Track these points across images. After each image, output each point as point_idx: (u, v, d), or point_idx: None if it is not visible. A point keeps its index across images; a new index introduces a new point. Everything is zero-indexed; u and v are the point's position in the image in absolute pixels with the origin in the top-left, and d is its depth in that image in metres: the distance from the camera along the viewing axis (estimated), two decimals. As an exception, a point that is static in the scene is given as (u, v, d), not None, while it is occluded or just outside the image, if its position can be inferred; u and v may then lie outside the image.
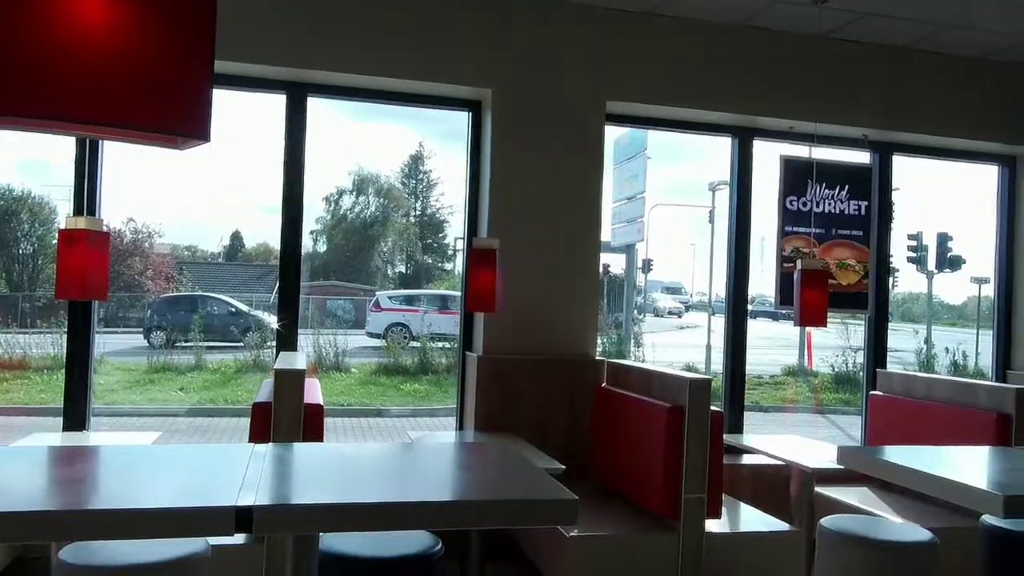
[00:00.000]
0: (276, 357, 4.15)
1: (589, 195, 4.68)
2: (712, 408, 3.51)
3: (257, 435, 3.16)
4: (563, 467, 3.55)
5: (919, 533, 2.82)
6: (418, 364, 13.52)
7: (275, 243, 4.86)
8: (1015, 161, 5.69)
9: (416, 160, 21.16)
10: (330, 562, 2.37)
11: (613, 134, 10.81)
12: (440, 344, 13.90)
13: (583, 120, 4.66)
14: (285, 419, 3.05)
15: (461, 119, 4.83)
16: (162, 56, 1.59)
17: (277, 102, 4.53)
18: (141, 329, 15.05)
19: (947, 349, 13.16)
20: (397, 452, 2.92)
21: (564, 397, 4.51)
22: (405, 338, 14.64)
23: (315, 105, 4.59)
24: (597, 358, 4.63)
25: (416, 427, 10.91)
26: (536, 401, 4.48)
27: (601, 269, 5.02)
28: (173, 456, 2.38)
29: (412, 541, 2.48)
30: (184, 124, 1.66)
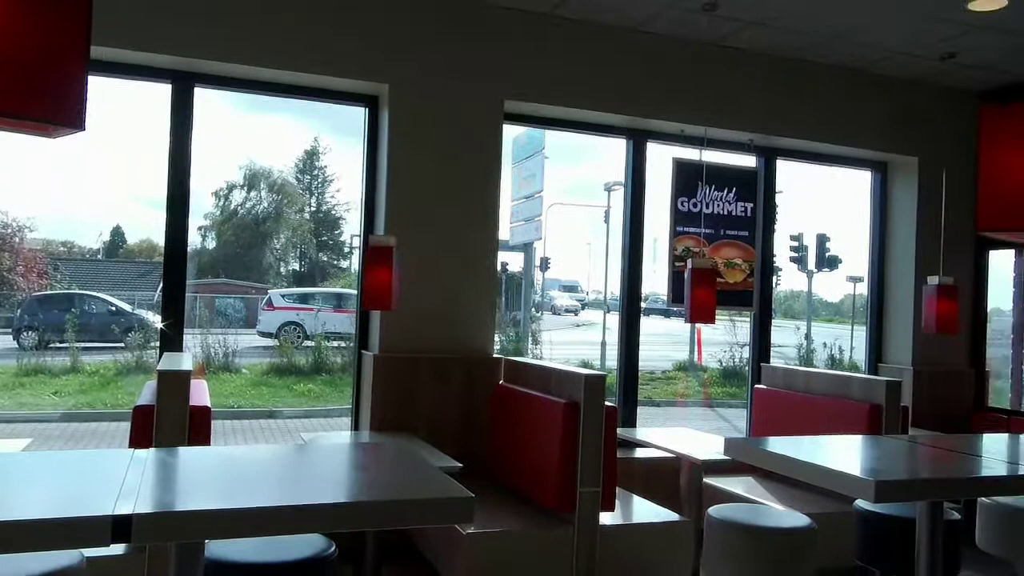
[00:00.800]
0: (160, 358, 3.97)
1: (487, 193, 4.69)
2: (606, 403, 3.58)
3: (138, 440, 3.01)
4: (460, 465, 3.54)
5: (798, 519, 2.96)
6: (312, 364, 13.22)
7: (159, 239, 4.64)
8: (886, 167, 6.06)
9: (311, 155, 20.69)
10: (216, 570, 2.28)
11: (511, 133, 10.89)
12: (335, 343, 13.64)
13: (481, 118, 4.66)
14: (169, 422, 2.92)
15: (357, 114, 4.74)
16: (30, 41, 1.49)
17: (162, 92, 4.33)
18: (10, 329, 14.09)
19: (825, 344, 13.93)
20: (289, 454, 2.84)
21: (462, 395, 4.51)
22: (299, 337, 14.29)
23: (203, 96, 4.41)
24: (495, 356, 4.64)
25: (310, 428, 10.67)
26: (433, 400, 4.46)
27: (499, 267, 5.03)
28: (44, 463, 2.24)
29: (304, 545, 2.41)
30: (55, 112, 1.56)
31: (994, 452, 3.06)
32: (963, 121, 5.80)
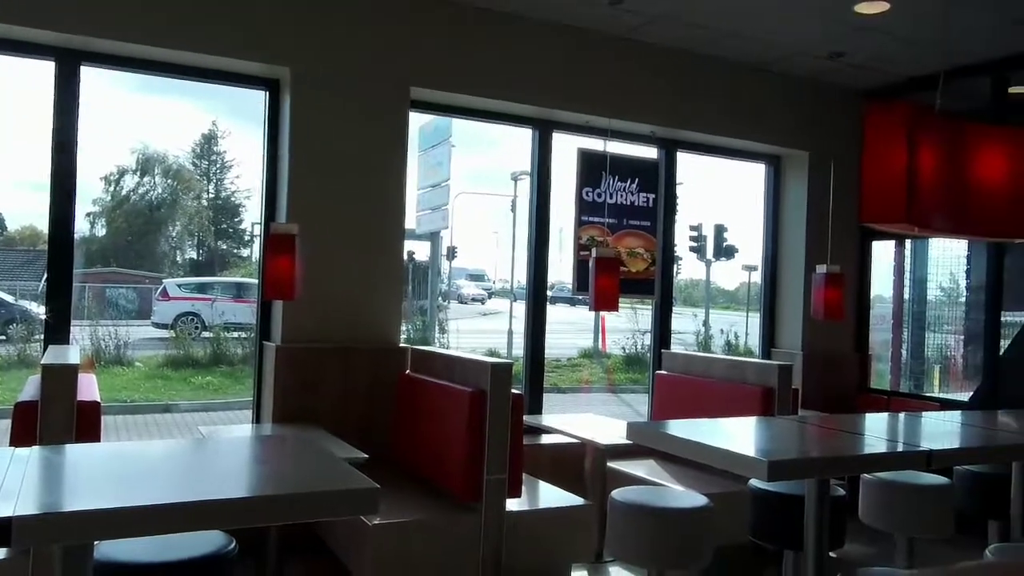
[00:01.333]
0: (44, 351, 3.75)
1: (392, 181, 4.64)
2: (513, 391, 3.61)
3: (20, 438, 2.84)
4: (365, 456, 3.50)
5: (696, 499, 3.07)
6: (211, 355, 12.76)
7: (44, 226, 4.38)
8: (779, 160, 6.32)
9: (209, 140, 19.91)
10: (107, 571, 2.18)
11: (418, 121, 10.78)
12: (235, 334, 13.21)
13: (387, 105, 4.60)
14: (54, 419, 2.77)
15: (257, 98, 4.60)
16: None
17: (45, 69, 4.08)
18: None
19: (722, 331, 14.45)
20: (186, 449, 2.74)
21: (367, 385, 4.45)
22: (196, 328, 13.77)
23: (91, 75, 4.18)
24: (401, 345, 4.61)
25: (209, 422, 10.32)
26: (338, 390, 4.38)
27: (406, 256, 4.99)
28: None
29: (201, 542, 2.34)
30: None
31: (876, 431, 3.25)
32: (850, 118, 6.10)
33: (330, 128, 4.45)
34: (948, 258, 6.98)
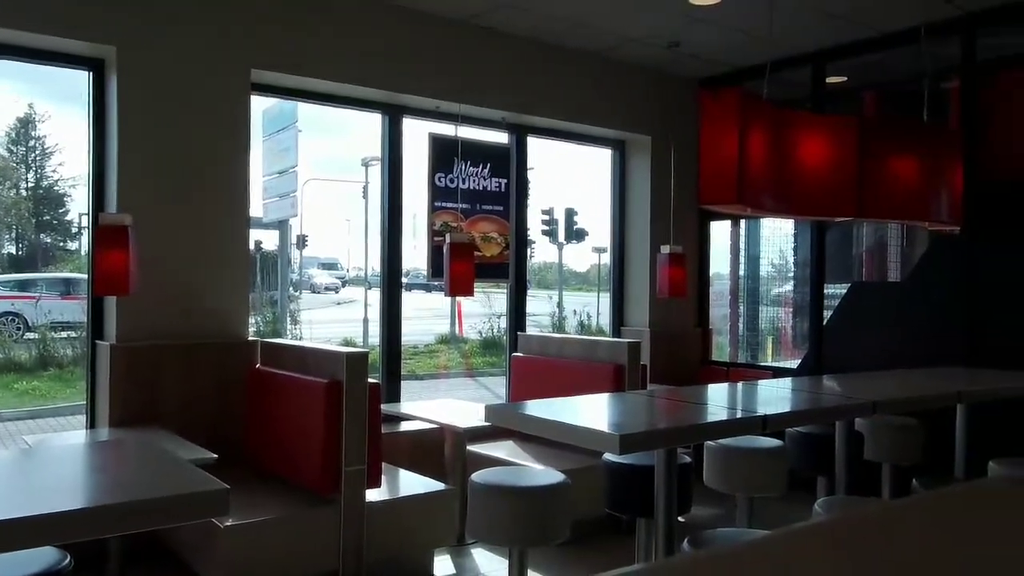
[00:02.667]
0: None
1: (234, 167, 4.43)
2: (369, 380, 3.56)
3: None
4: (215, 456, 3.34)
5: (554, 476, 3.14)
6: (36, 358, 11.75)
7: None
8: (624, 145, 6.55)
9: (26, 124, 18.24)
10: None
11: (262, 105, 10.35)
12: (64, 334, 12.23)
13: (225, 87, 4.38)
14: None
15: (80, 79, 4.25)
16: None
17: None
18: None
19: (575, 311, 14.88)
20: (10, 461, 2.51)
21: (214, 382, 4.25)
22: (19, 329, 12.64)
23: None
24: (250, 339, 4.42)
25: (37, 430, 9.51)
26: (182, 389, 4.16)
27: (253, 246, 4.78)
28: None
29: (31, 560, 2.15)
30: None
31: (717, 400, 3.45)
32: (689, 105, 6.41)
33: (163, 111, 4.18)
34: (778, 237, 7.50)
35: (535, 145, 6.06)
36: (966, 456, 4.05)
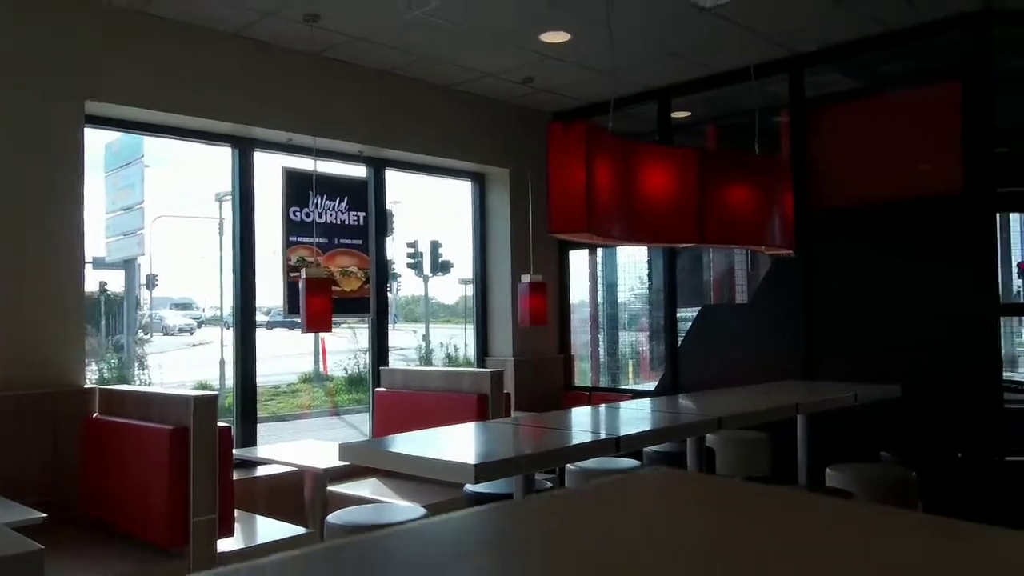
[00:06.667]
0: None
1: (67, 203, 4.14)
2: (220, 424, 3.39)
3: None
4: (43, 515, 3.07)
5: (414, 511, 3.09)
6: None
7: None
8: (483, 178, 6.63)
9: None
10: None
11: (103, 138, 9.78)
12: None
13: (57, 120, 4.11)
14: None
15: None
16: None
17: None
18: None
19: (442, 344, 14.83)
20: None
21: (45, 435, 3.91)
22: None
23: None
24: (88, 387, 4.12)
25: None
26: (7, 444, 3.80)
27: (96, 287, 4.48)
28: None
29: None
30: None
31: (577, 424, 3.51)
32: (544, 138, 6.56)
33: (-16, 144, 3.87)
34: (633, 264, 7.78)
35: (400, 178, 6.05)
36: (808, 464, 4.31)
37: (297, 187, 5.24)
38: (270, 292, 5.64)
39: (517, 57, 5.37)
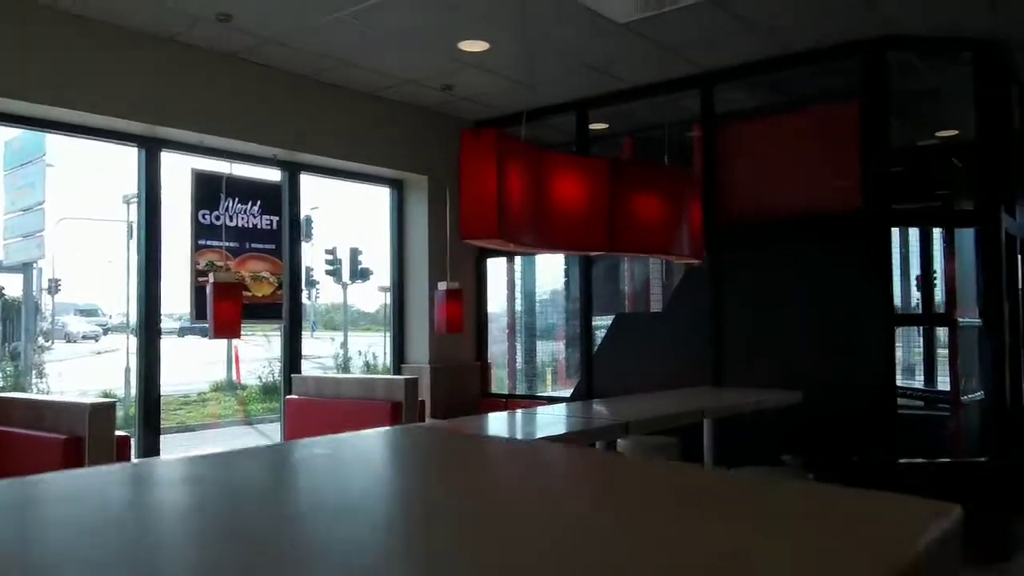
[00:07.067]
0: None
1: (-43, 201, 3.94)
2: (120, 433, 3.27)
3: None
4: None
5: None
6: None
7: None
8: (402, 185, 6.60)
9: None
10: None
11: (2, 135, 9.33)
12: None
13: (-55, 112, 3.90)
14: None
15: None
16: None
17: None
18: None
19: (360, 352, 14.64)
20: None
21: (-71, 446, 3.70)
22: None
23: None
24: (-24, 394, 3.91)
25: None
26: None
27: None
28: None
29: None
30: None
31: (493, 428, 3.52)
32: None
33: None
34: (551, 272, 7.86)
35: (319, 184, 5.96)
36: (713, 467, 4.43)
37: (207, 189, 5.11)
38: (179, 298, 5.48)
39: (436, 64, 5.38)
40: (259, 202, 5.39)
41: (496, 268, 7.12)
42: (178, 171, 5.14)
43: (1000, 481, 4.91)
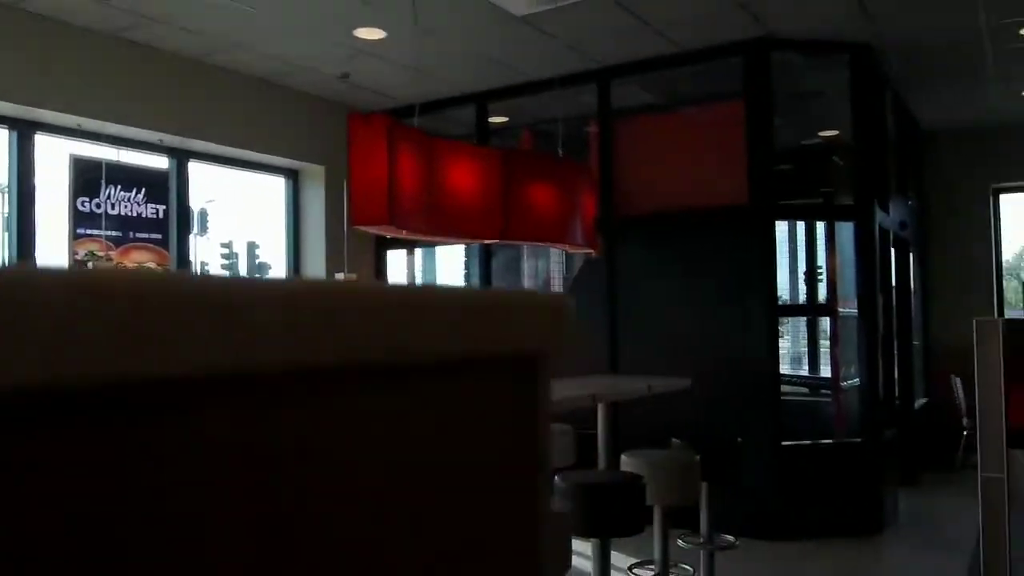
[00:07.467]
0: None
1: None
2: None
3: None
4: None
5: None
6: None
7: None
8: (298, 174, 6.46)
9: None
10: None
11: None
12: None
13: None
14: None
15: None
16: None
17: None
18: None
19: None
20: None
21: None
22: None
23: None
24: None
25: None
26: None
27: None
28: None
29: None
30: None
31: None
32: (360, 136, 6.50)
33: None
34: (452, 262, 7.87)
35: (215, 173, 5.76)
36: (606, 451, 4.53)
37: (86, 176, 4.87)
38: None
39: (329, 50, 5.28)
40: (144, 189, 5.17)
41: (397, 259, 7.06)
42: (56, 157, 4.88)
43: (873, 460, 5.21)
